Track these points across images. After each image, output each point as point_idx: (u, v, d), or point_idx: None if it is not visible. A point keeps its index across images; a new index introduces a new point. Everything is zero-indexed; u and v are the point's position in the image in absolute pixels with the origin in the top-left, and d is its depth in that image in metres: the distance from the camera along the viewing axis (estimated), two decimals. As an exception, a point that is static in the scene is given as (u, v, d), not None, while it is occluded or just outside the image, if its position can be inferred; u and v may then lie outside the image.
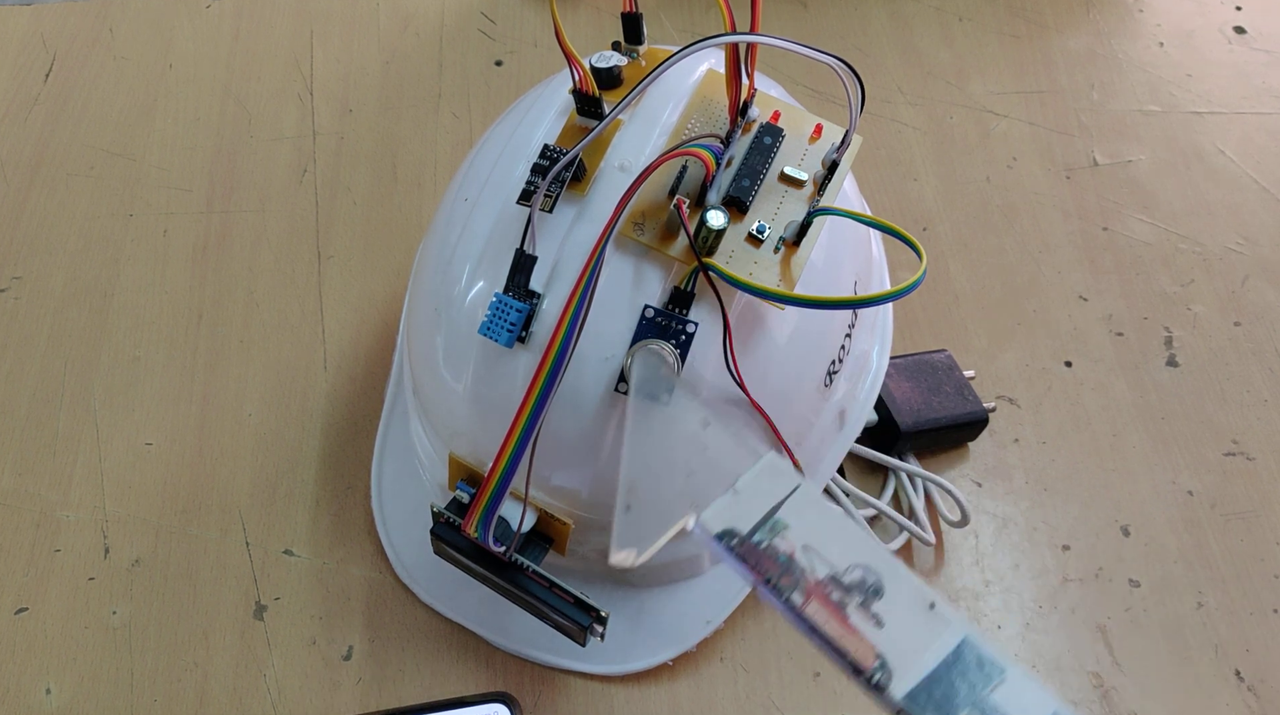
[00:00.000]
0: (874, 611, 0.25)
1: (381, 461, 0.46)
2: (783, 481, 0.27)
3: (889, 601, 0.25)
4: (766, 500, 0.27)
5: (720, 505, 0.27)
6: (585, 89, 0.36)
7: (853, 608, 0.25)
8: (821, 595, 0.26)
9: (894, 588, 0.25)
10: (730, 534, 0.27)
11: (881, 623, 0.25)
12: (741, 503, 0.27)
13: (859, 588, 0.26)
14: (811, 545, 0.26)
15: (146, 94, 0.59)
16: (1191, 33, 0.64)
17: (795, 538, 0.26)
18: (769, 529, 0.26)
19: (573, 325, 0.31)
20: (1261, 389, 0.50)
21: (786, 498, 0.27)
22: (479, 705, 0.39)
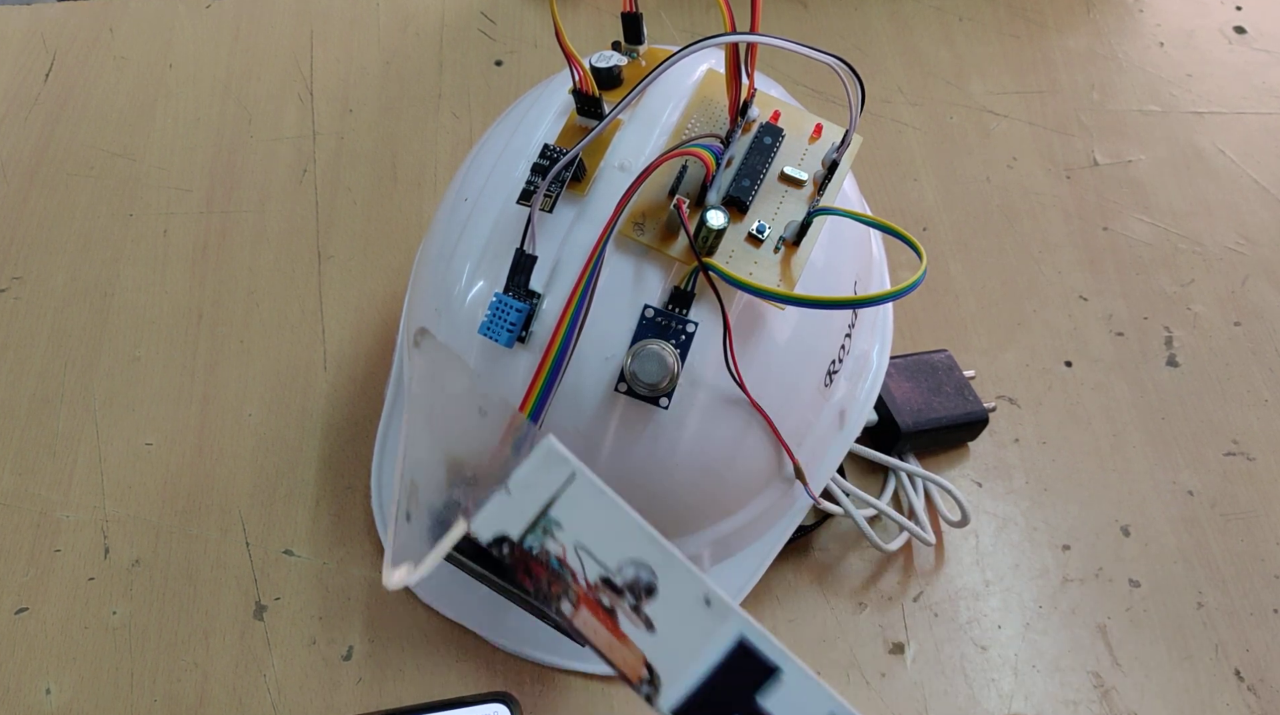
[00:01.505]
0: (646, 614, 0.23)
1: (381, 461, 0.46)
2: (558, 472, 0.24)
3: (662, 601, 0.23)
4: (540, 496, 0.24)
5: (493, 507, 0.24)
6: (585, 89, 0.36)
7: (624, 611, 0.23)
8: (591, 601, 0.23)
9: (668, 584, 0.23)
10: (502, 540, 0.24)
11: (653, 626, 0.23)
12: (515, 502, 0.24)
13: (631, 588, 0.23)
14: (584, 543, 0.23)
15: (146, 94, 0.59)
16: (1191, 33, 0.64)
17: (567, 537, 0.24)
18: (540, 530, 0.24)
19: (573, 325, 0.31)
20: (1261, 389, 0.50)
21: (560, 491, 0.24)
22: (479, 705, 0.39)
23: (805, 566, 0.44)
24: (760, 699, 0.22)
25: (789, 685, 0.22)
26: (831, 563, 0.45)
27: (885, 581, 0.44)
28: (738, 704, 0.22)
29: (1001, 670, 0.42)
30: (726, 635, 0.23)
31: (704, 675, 0.23)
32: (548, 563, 0.24)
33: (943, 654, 0.42)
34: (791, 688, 0.22)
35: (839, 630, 0.43)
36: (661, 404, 0.34)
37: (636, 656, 0.23)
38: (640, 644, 0.23)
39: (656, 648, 0.23)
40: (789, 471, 0.40)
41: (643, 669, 0.23)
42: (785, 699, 0.22)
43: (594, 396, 0.34)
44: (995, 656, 0.43)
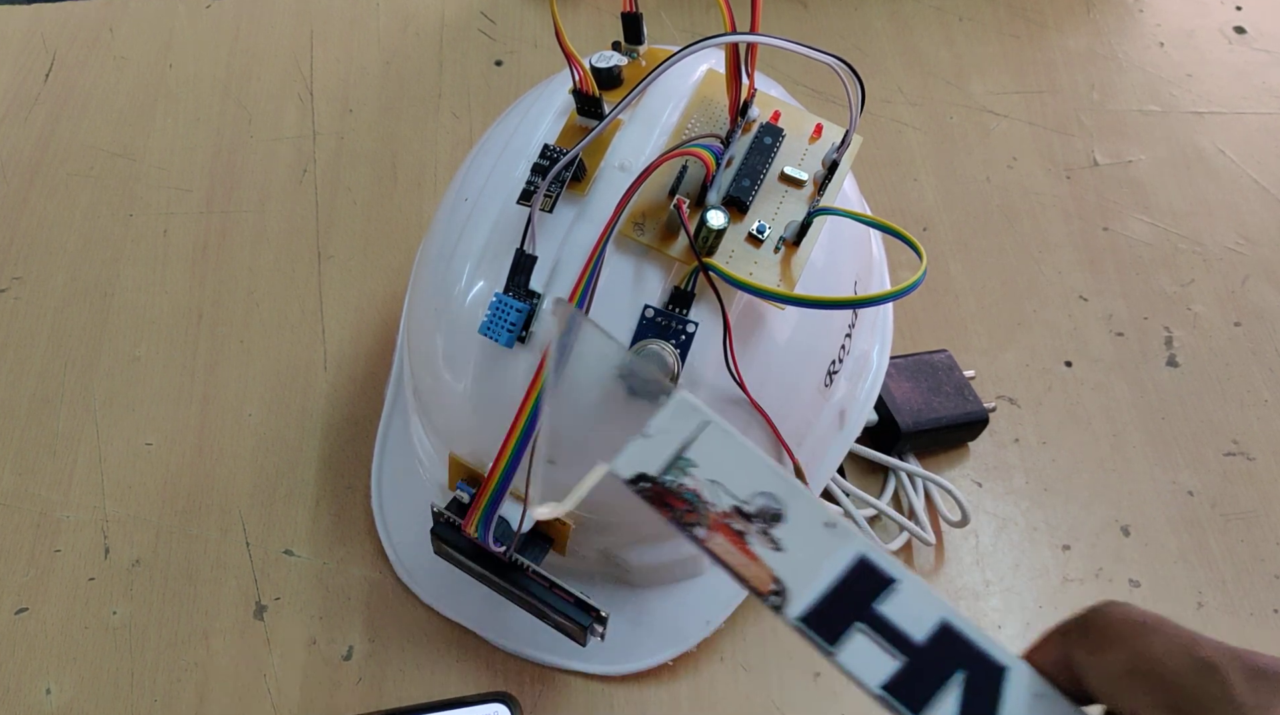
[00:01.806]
0: (774, 536, 0.26)
1: (381, 461, 0.46)
2: (692, 420, 0.28)
3: (789, 525, 0.26)
4: (675, 440, 0.27)
5: (632, 449, 0.28)
6: (585, 89, 0.36)
7: (753, 535, 0.26)
8: (724, 526, 0.26)
9: (794, 512, 0.26)
10: (641, 477, 0.27)
11: (781, 547, 0.26)
12: (652, 445, 0.28)
13: (760, 516, 0.27)
14: (718, 479, 0.27)
15: (146, 94, 0.59)
16: (1191, 33, 0.64)
17: (702, 474, 0.27)
18: (677, 468, 0.27)
19: (573, 325, 0.31)
20: (1261, 389, 0.50)
21: (695, 436, 0.27)
22: (479, 705, 0.39)
23: (805, 566, 0.44)
24: (878, 606, 0.25)
25: (905, 594, 0.25)
26: (831, 563, 0.45)
27: (885, 581, 0.44)
28: (858, 611, 0.25)
29: (1001, 670, 0.42)
30: (848, 553, 0.26)
31: (828, 587, 0.25)
32: (682, 495, 0.27)
33: (943, 654, 0.42)
34: (907, 596, 0.25)
35: (839, 630, 0.43)
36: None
37: (765, 572, 0.26)
38: (769, 562, 0.26)
39: (784, 564, 0.26)
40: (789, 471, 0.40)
41: (771, 583, 0.26)
42: (901, 606, 0.25)
43: (594, 396, 0.34)
44: (995, 656, 0.42)
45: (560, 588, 0.36)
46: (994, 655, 0.25)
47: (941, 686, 0.24)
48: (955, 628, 0.25)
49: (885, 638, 0.25)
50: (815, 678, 0.42)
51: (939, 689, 0.24)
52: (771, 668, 0.42)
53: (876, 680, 0.24)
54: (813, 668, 0.42)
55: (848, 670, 0.25)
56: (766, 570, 0.26)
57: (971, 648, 0.25)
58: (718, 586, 0.42)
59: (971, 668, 0.25)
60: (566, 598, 0.36)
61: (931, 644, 0.25)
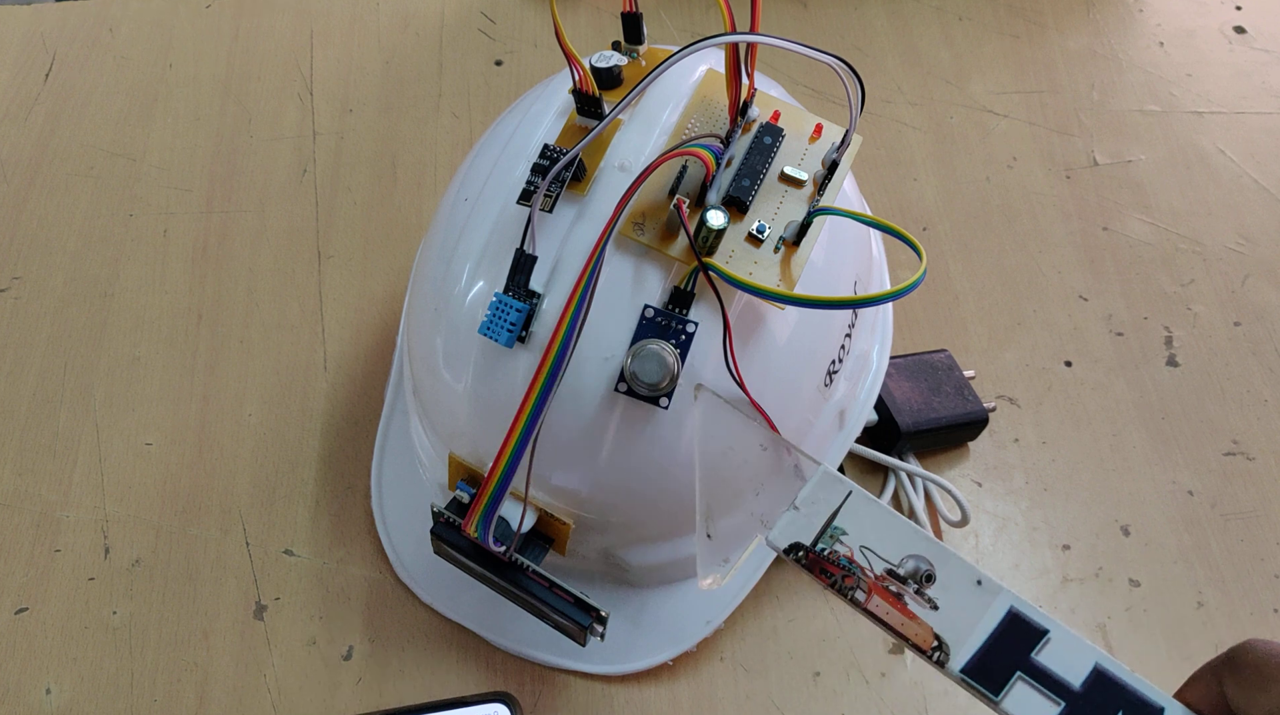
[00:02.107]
0: (929, 596, 0.28)
1: (381, 461, 0.46)
2: (837, 491, 0.30)
3: (941, 585, 0.28)
4: (824, 511, 0.30)
5: (785, 522, 0.30)
6: (585, 89, 0.36)
7: (909, 596, 0.28)
8: (881, 589, 0.29)
9: (944, 571, 0.28)
10: (797, 547, 0.30)
11: (937, 605, 0.28)
12: (803, 517, 0.30)
13: (913, 576, 0.29)
14: (868, 545, 0.29)
15: (146, 94, 0.59)
16: (1191, 33, 0.64)
17: (852, 541, 0.29)
18: (829, 536, 0.30)
19: (573, 325, 0.31)
20: (1261, 389, 0.50)
21: (841, 505, 0.30)
22: (479, 705, 0.39)
23: (805, 566, 0.44)
24: (1035, 656, 0.27)
25: (1058, 643, 0.27)
26: (831, 563, 0.45)
27: (885, 581, 0.44)
28: (1017, 662, 0.27)
29: (1001, 670, 0.42)
30: (1000, 608, 0.28)
31: (985, 640, 0.27)
32: (838, 562, 0.29)
33: (943, 654, 0.42)
34: (1060, 645, 0.27)
35: (839, 630, 0.43)
36: (661, 404, 0.34)
37: (926, 630, 0.28)
38: (927, 620, 0.28)
39: (942, 622, 0.28)
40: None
41: (932, 639, 0.28)
42: (1056, 654, 0.27)
43: (594, 396, 0.34)
44: (995, 656, 0.43)
45: (560, 588, 0.36)
46: (1149, 697, 0.26)
47: None
48: (1109, 672, 0.27)
49: (1045, 685, 0.27)
50: (815, 677, 0.42)
51: None
52: (771, 668, 0.42)
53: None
54: (812, 668, 0.42)
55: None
56: (927, 628, 0.28)
57: (1126, 691, 0.27)
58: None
59: (1129, 710, 0.26)
60: (566, 598, 0.36)
61: (1088, 689, 0.27)
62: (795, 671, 0.42)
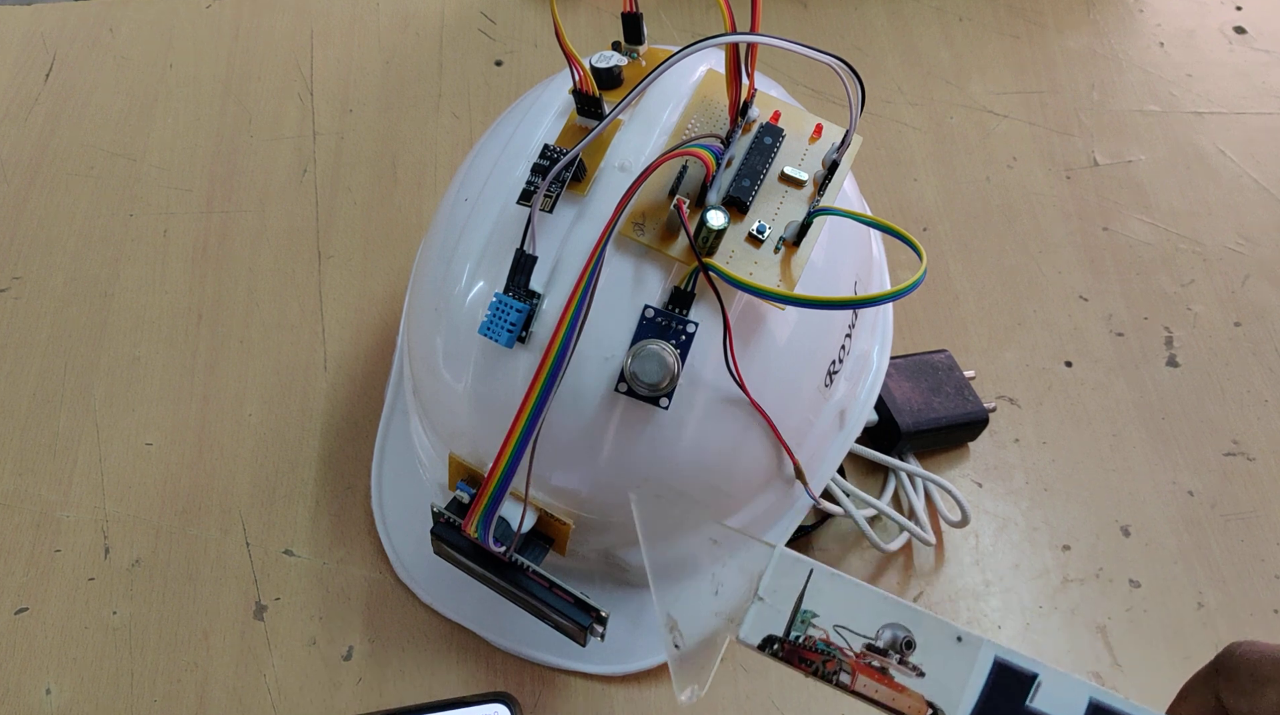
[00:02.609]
0: (913, 664, 0.27)
1: (381, 461, 0.46)
2: (798, 572, 0.29)
3: (923, 649, 0.27)
4: (790, 596, 0.29)
5: (753, 616, 0.29)
6: (585, 89, 0.36)
7: (894, 667, 0.27)
8: (864, 667, 0.28)
9: (922, 634, 0.28)
10: (770, 640, 0.29)
11: (923, 671, 0.27)
12: (769, 607, 0.29)
13: (894, 646, 0.28)
14: (841, 623, 0.28)
15: (146, 94, 0.59)
16: (1191, 33, 0.64)
17: (825, 622, 0.28)
18: (801, 622, 0.29)
19: (573, 325, 0.31)
20: (1261, 389, 0.50)
21: (805, 586, 0.29)
22: (479, 705, 0.39)
23: (805, 566, 0.44)
24: (1030, 703, 0.26)
25: (1049, 685, 0.26)
26: (831, 563, 0.44)
27: (885, 581, 0.44)
28: (1013, 713, 0.26)
29: (1001, 670, 0.42)
30: (985, 660, 0.27)
31: (978, 697, 0.27)
32: (815, 647, 0.28)
33: (943, 654, 0.42)
34: (1052, 687, 0.26)
35: (839, 630, 0.43)
36: (661, 404, 0.34)
37: (918, 699, 0.27)
38: (917, 689, 0.27)
39: (931, 688, 0.27)
40: (789, 472, 0.40)
41: (926, 709, 0.27)
42: (1050, 696, 0.26)
43: (594, 396, 0.34)
44: (995, 656, 0.43)
45: (560, 588, 0.36)
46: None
47: None
48: (1104, 704, 0.26)
49: None
50: (815, 678, 0.42)
51: None
52: (771, 668, 0.42)
53: None
54: (813, 668, 0.42)
55: None
56: (918, 697, 0.27)
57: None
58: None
59: None
60: (566, 598, 0.36)
61: None
62: (795, 671, 0.42)
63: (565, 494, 0.37)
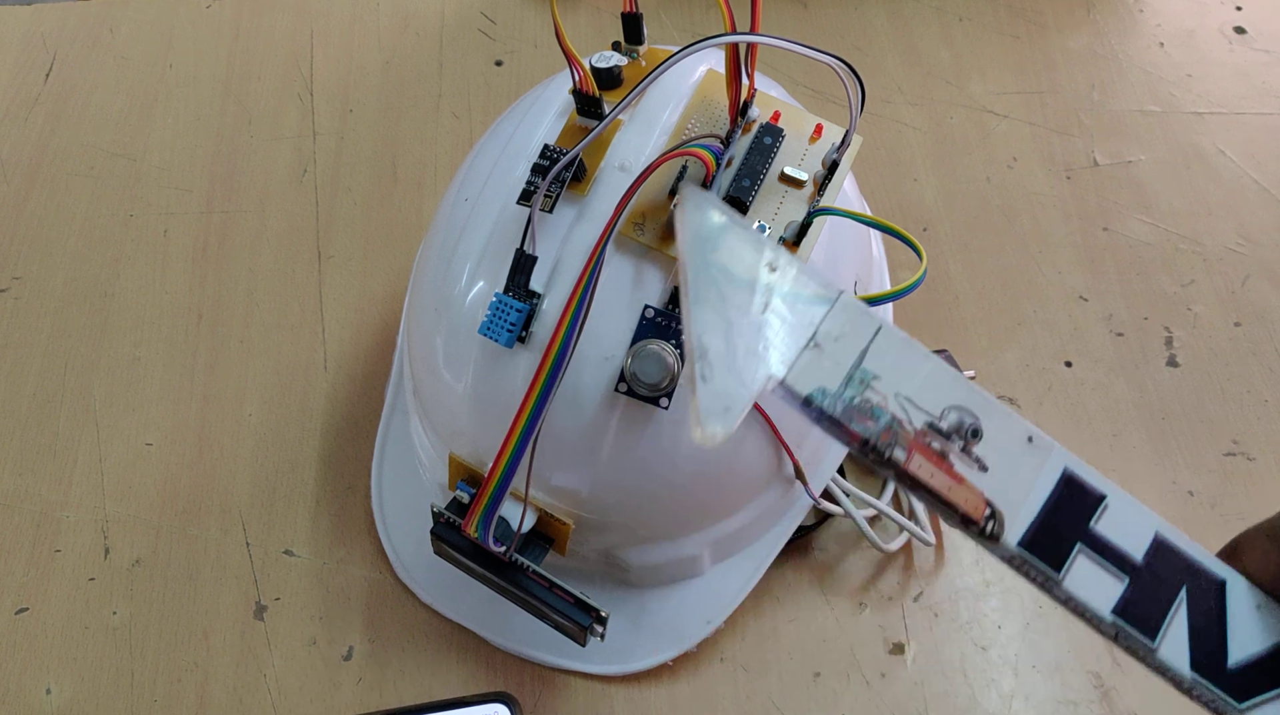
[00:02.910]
0: (976, 455, 0.24)
1: (381, 461, 0.46)
2: (863, 324, 0.24)
3: (989, 442, 0.24)
4: (849, 349, 0.24)
5: (804, 363, 0.24)
6: (585, 89, 0.36)
7: (955, 455, 0.24)
8: (923, 447, 0.24)
9: (991, 426, 0.24)
10: (820, 393, 0.24)
11: (986, 466, 0.24)
12: (825, 356, 0.24)
13: (958, 432, 0.24)
14: (904, 392, 0.24)
15: (146, 94, 0.59)
16: (1192, 33, 0.64)
17: (886, 388, 0.24)
18: (858, 382, 0.24)
19: (573, 325, 0.31)
20: (1261, 389, 0.50)
21: (870, 342, 0.24)
22: (479, 705, 0.39)
23: (805, 566, 0.44)
24: (1094, 525, 0.23)
25: (1116, 509, 0.24)
26: (831, 563, 0.45)
27: (885, 581, 0.44)
28: (1075, 532, 0.23)
29: (1002, 670, 0.42)
30: (1054, 468, 0.24)
31: (1040, 507, 0.23)
32: (872, 412, 0.24)
33: (943, 654, 0.42)
34: (1118, 511, 0.24)
35: (839, 630, 0.43)
36: (662, 404, 0.34)
37: (976, 495, 0.24)
38: (977, 483, 0.24)
39: (993, 486, 0.24)
40: (789, 471, 0.40)
41: (984, 507, 0.24)
42: (1116, 522, 0.24)
43: (594, 396, 0.34)
44: (995, 657, 0.43)
45: (560, 588, 0.36)
46: (1210, 568, 0.23)
47: (1169, 607, 0.23)
48: (1169, 542, 0.24)
49: (1107, 559, 0.23)
50: (815, 678, 0.42)
51: (1168, 610, 0.23)
52: (771, 668, 0.42)
53: (1107, 606, 0.23)
54: (813, 668, 0.42)
55: (1078, 597, 0.23)
56: (977, 493, 0.24)
57: (1188, 561, 0.23)
58: (717, 586, 0.42)
59: (1191, 583, 0.23)
60: (566, 598, 0.36)
61: (1150, 561, 0.23)
62: (795, 671, 0.42)
63: (565, 494, 0.37)
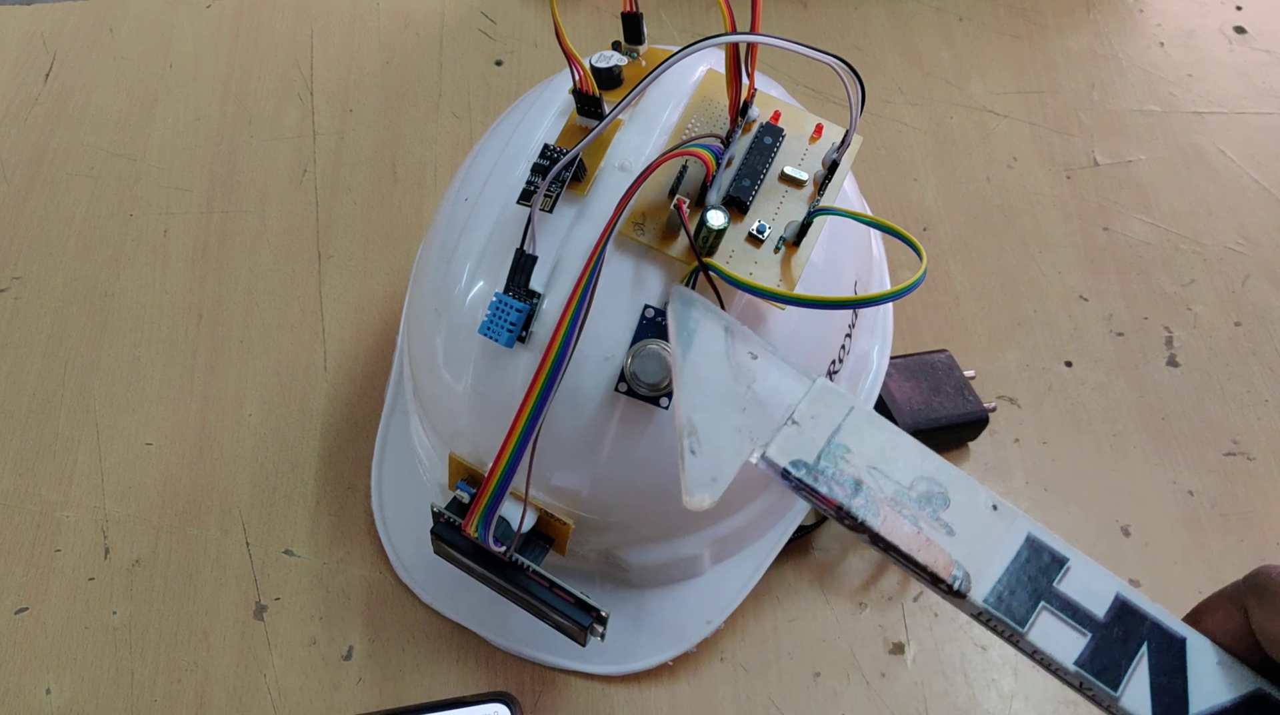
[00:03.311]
0: (944, 521, 0.26)
1: (381, 461, 0.46)
2: (838, 405, 0.28)
3: (955, 509, 0.26)
4: (825, 426, 0.27)
5: (784, 437, 0.27)
6: (585, 89, 0.36)
7: (924, 521, 0.26)
8: (893, 513, 0.26)
9: (957, 495, 0.27)
10: (797, 465, 0.27)
11: (953, 531, 0.26)
12: (803, 432, 0.27)
13: (927, 500, 0.27)
14: (875, 464, 0.27)
15: (146, 94, 0.59)
16: (1192, 33, 0.64)
17: (859, 460, 0.27)
18: (833, 455, 0.27)
19: (573, 325, 0.31)
20: (1262, 389, 0.50)
21: (844, 420, 0.27)
22: (479, 705, 0.39)
23: (805, 566, 0.44)
24: (1058, 585, 0.26)
25: (1079, 571, 0.26)
26: (831, 563, 0.45)
27: (885, 581, 0.44)
28: (1039, 591, 0.26)
29: (1002, 670, 0.42)
30: (1018, 534, 0.26)
31: (1006, 568, 0.26)
32: (845, 482, 0.27)
33: (943, 654, 0.42)
34: (1081, 573, 0.26)
35: (839, 630, 0.43)
36: (662, 404, 0.34)
37: (945, 556, 0.26)
38: (945, 546, 0.26)
39: (960, 548, 0.26)
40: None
41: (952, 566, 0.26)
42: (1078, 583, 0.26)
43: (594, 396, 0.34)
44: (995, 656, 0.43)
45: (560, 588, 0.36)
46: (1172, 627, 0.25)
47: (1131, 660, 0.25)
48: (1131, 602, 0.26)
49: (1070, 616, 0.25)
50: (815, 678, 0.42)
51: (1129, 663, 0.25)
52: (771, 668, 0.42)
53: (1070, 657, 0.25)
54: (812, 668, 0.42)
55: (1042, 649, 0.25)
56: (945, 554, 0.26)
57: (1149, 621, 0.25)
58: (717, 586, 0.42)
59: (1153, 640, 0.25)
60: (566, 598, 0.36)
61: (1113, 619, 0.25)
62: (795, 671, 0.42)
63: (565, 494, 0.37)
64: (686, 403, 0.29)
